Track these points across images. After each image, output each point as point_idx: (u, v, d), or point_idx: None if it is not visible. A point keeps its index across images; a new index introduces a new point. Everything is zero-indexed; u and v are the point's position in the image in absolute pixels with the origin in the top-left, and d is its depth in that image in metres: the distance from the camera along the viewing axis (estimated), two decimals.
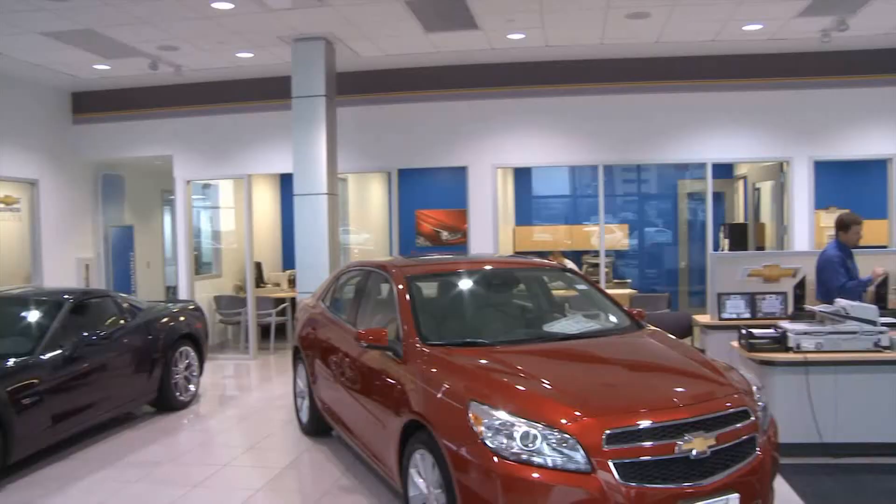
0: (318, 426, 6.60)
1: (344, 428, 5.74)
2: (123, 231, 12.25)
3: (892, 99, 9.91)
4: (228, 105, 10.92)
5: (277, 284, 12.48)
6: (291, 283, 11.58)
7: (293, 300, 10.31)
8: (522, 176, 13.19)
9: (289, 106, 9.12)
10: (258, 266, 12.20)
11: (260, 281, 12.23)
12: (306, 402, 6.73)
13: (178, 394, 7.81)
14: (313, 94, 8.96)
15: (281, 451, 6.43)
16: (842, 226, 6.99)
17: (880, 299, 7.34)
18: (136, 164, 12.17)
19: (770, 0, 7.89)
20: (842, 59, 9.86)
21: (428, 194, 12.32)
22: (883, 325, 5.90)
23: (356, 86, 10.35)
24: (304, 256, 9.06)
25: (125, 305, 7.50)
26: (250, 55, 9.55)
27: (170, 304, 8.48)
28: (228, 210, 12.53)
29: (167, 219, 13.58)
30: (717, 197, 12.32)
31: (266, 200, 13.02)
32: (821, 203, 10.39)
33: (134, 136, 11.33)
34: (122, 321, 7.24)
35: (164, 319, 7.81)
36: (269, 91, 10.51)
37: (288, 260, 12.72)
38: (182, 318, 8.10)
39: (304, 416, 6.83)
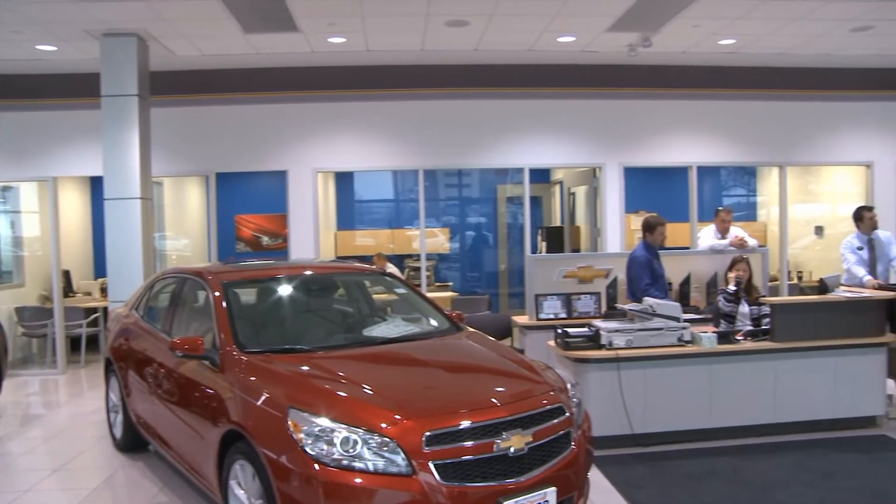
0: (133, 441, 6.27)
1: (161, 442, 5.50)
2: None
3: (693, 111, 10.73)
4: (29, 101, 10.14)
5: (88, 293, 11.80)
6: (104, 291, 11.00)
7: (105, 310, 9.78)
8: (344, 180, 13.16)
9: (98, 105, 8.63)
10: (66, 274, 11.49)
11: (69, 290, 11.53)
12: (120, 417, 6.39)
13: None
14: (125, 93, 8.51)
15: (92, 471, 6.06)
16: (648, 228, 7.41)
17: (684, 297, 7.90)
18: None
19: (581, 14, 8.28)
20: (649, 73, 10.52)
21: (248, 199, 12.06)
22: (685, 321, 6.34)
23: (172, 86, 9.94)
24: (117, 263, 8.60)
25: None
26: (53, 48, 8.94)
27: None
28: (32, 214, 11.70)
29: None
30: (535, 201, 12.82)
31: (75, 204, 12.26)
32: (631, 207, 11.03)
33: None
34: None
35: None
36: (77, 88, 9.86)
37: (100, 267, 12.03)
38: None
39: (118, 432, 6.49)
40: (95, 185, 11.84)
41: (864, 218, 8.17)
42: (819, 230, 12.25)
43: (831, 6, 7.99)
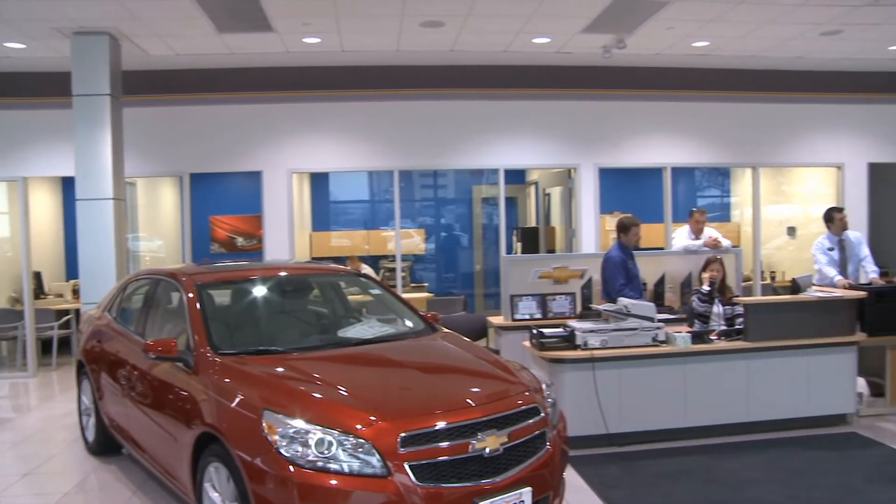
0: (106, 444, 6.20)
1: (134, 445, 5.44)
2: None
3: (667, 112, 10.83)
4: None
5: (60, 295, 11.64)
6: (76, 293, 10.86)
7: (77, 311, 9.67)
8: (319, 181, 13.11)
9: (69, 104, 8.53)
10: (37, 275, 11.34)
11: (40, 291, 11.37)
12: (93, 420, 6.31)
13: None
14: (97, 92, 8.44)
15: (64, 475, 5.97)
16: (622, 228, 7.44)
17: (658, 297, 7.95)
18: None
19: (556, 16, 8.31)
20: (624, 75, 10.60)
21: (222, 200, 11.99)
22: (660, 321, 6.37)
23: (145, 85, 9.86)
24: (89, 265, 8.52)
25: None
26: (21, 46, 8.82)
27: None
28: (2, 215, 11.55)
29: None
30: (510, 202, 12.84)
31: (46, 205, 12.12)
32: (605, 207, 11.09)
33: None
34: None
35: None
36: (47, 87, 9.75)
37: (72, 269, 11.89)
38: None
39: (91, 435, 6.40)
40: (67, 185, 11.71)
41: (834, 219, 8.27)
42: (791, 231, 12.38)
43: (802, 10, 8.09)
